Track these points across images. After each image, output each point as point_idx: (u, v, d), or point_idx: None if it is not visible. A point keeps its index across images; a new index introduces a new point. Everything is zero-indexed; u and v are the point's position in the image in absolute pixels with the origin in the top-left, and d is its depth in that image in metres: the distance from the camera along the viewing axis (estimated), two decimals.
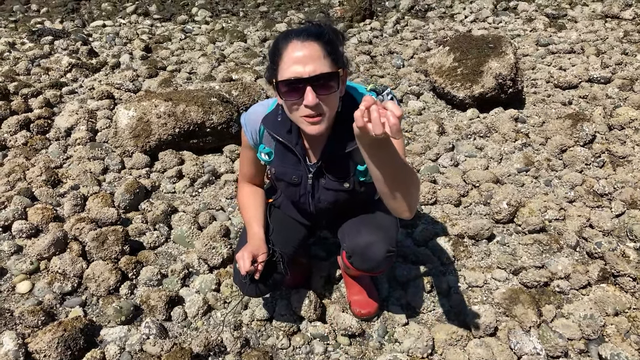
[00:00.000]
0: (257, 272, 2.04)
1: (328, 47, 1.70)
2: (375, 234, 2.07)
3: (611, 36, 5.81)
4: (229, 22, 7.06)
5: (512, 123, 4.06)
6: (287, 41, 1.70)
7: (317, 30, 1.72)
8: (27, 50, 5.63)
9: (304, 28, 1.74)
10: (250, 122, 2.07)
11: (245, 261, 1.98)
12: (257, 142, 2.10)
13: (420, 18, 7.04)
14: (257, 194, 2.28)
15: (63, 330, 2.24)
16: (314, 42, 1.68)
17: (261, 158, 2.12)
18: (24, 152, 3.74)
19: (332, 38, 1.74)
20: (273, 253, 2.13)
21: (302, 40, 1.68)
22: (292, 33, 1.72)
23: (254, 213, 2.20)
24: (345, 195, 2.09)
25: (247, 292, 2.17)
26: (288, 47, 1.69)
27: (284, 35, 1.74)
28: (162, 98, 3.78)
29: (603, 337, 2.38)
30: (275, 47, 1.75)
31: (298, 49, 1.67)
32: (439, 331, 2.37)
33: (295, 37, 1.69)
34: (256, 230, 2.14)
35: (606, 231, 2.99)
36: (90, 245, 2.76)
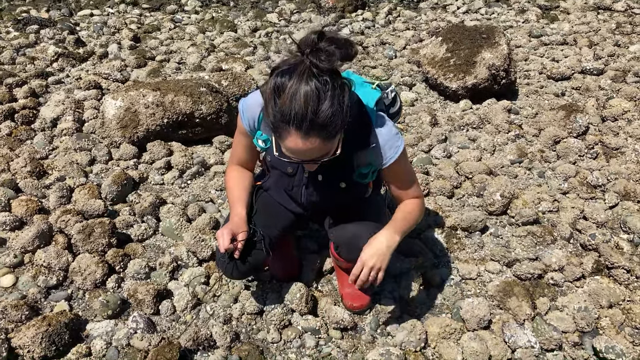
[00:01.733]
0: (237, 250, 2.03)
1: (329, 134, 1.61)
2: (361, 226, 2.08)
3: (603, 28, 5.79)
4: (219, 11, 6.96)
5: (505, 114, 4.03)
6: (287, 129, 1.58)
7: (321, 122, 1.55)
8: (12, 39, 5.51)
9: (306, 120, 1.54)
10: (249, 109, 2.00)
11: (225, 238, 1.97)
12: (253, 128, 2.04)
13: (413, 9, 6.98)
14: (245, 177, 2.24)
15: (47, 325, 2.18)
16: (315, 137, 1.58)
17: (258, 145, 2.06)
18: (8, 142, 3.65)
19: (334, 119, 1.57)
20: (254, 233, 2.11)
21: (303, 137, 1.57)
22: (292, 121, 1.55)
23: (239, 195, 2.17)
24: (339, 193, 2.09)
25: (225, 271, 2.15)
26: (288, 137, 1.60)
27: (284, 118, 1.55)
28: (150, 88, 3.71)
29: (597, 330, 2.36)
30: (274, 121, 1.60)
31: (299, 145, 1.60)
32: (432, 324, 2.34)
33: (297, 129, 1.56)
34: (239, 210, 2.11)
35: (600, 223, 2.97)
36: (76, 238, 2.70)
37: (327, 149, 1.67)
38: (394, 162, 1.95)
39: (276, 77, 1.57)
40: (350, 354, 2.26)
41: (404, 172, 2.04)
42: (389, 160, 1.94)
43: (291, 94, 1.53)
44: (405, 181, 2.07)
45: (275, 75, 1.58)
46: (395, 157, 1.93)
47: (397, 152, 1.93)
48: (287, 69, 1.57)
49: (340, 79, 1.60)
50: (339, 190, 2.06)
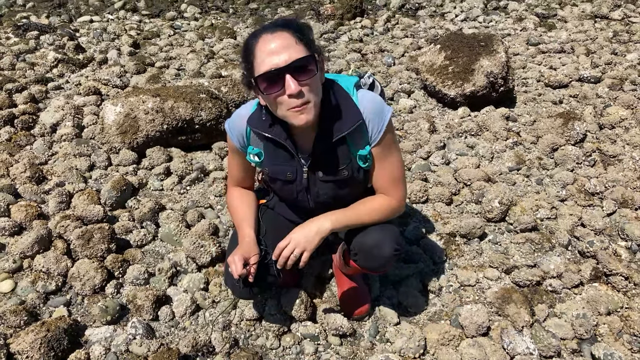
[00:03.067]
0: (250, 275, 1.97)
1: (299, 34, 1.70)
2: (382, 233, 2.01)
3: (601, 36, 5.82)
4: (219, 18, 6.99)
5: (503, 122, 4.05)
6: (257, 37, 1.71)
7: (284, 21, 1.74)
8: (12, 45, 5.53)
9: (270, 22, 1.77)
10: (235, 126, 2.02)
11: (237, 264, 1.91)
12: (244, 144, 2.04)
13: (411, 16, 7.02)
14: (247, 196, 2.23)
15: (46, 331, 2.18)
16: (284, 31, 1.69)
17: (251, 160, 2.06)
18: (8, 148, 3.65)
19: (301, 26, 1.74)
20: (265, 255, 2.06)
21: (272, 32, 1.69)
22: (260, 30, 1.74)
23: (244, 215, 2.15)
24: (344, 184, 2.04)
25: (240, 295, 2.13)
26: (259, 42, 1.70)
27: (253, 34, 1.75)
28: (149, 94, 3.72)
29: (596, 337, 2.36)
30: (247, 47, 1.75)
31: (269, 41, 1.67)
32: (431, 331, 2.34)
33: (264, 32, 1.71)
34: (247, 232, 2.08)
35: (598, 230, 2.98)
36: (76, 243, 2.70)
37: (300, 48, 1.69)
38: (384, 135, 1.91)
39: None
40: None
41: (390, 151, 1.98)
42: (379, 131, 1.90)
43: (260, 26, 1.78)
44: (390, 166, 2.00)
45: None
46: (384, 127, 1.90)
47: (384, 121, 1.90)
48: None
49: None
50: (342, 181, 2.01)
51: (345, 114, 1.88)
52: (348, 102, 1.90)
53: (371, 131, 1.91)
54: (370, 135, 1.92)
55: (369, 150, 1.96)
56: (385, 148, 1.97)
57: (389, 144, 1.97)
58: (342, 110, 1.88)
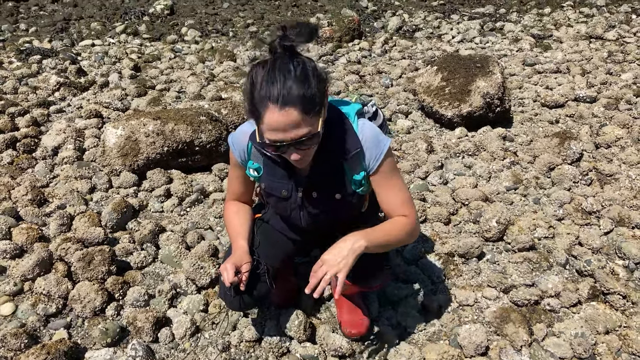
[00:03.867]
0: (242, 283, 2.03)
1: (307, 106, 1.66)
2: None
3: (596, 56, 5.90)
4: (219, 41, 7.09)
5: (500, 142, 4.09)
6: (265, 104, 1.65)
7: (295, 95, 1.63)
8: (15, 69, 5.61)
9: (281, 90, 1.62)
10: (238, 141, 2.08)
11: (228, 272, 1.98)
12: (245, 159, 2.09)
13: (408, 38, 7.11)
14: (243, 210, 2.27)
15: (47, 354, 2.19)
16: (292, 108, 1.63)
17: (250, 174, 2.11)
18: (10, 171, 3.69)
19: (311, 96, 1.66)
20: (257, 265, 2.12)
21: (280, 109, 1.63)
22: (270, 95, 1.63)
23: (240, 228, 2.20)
24: (337, 207, 2.08)
25: (231, 305, 2.17)
26: (266, 113, 1.66)
27: (263, 95, 1.65)
28: (150, 117, 3.77)
29: (594, 356, 2.36)
30: (252, 101, 1.69)
31: (277, 117, 1.64)
32: (430, 351, 2.35)
33: (273, 102, 1.63)
34: (240, 243, 2.14)
35: (595, 249, 2.99)
36: (76, 266, 2.71)
37: (306, 125, 1.69)
38: (381, 164, 1.94)
39: (253, 67, 1.71)
40: None
41: (391, 176, 2.00)
42: (376, 159, 1.93)
43: (266, 76, 1.66)
44: (394, 189, 2.01)
45: (252, 67, 1.72)
46: (381, 156, 1.93)
47: (382, 150, 1.93)
48: (263, 60, 1.71)
49: (313, 63, 1.72)
50: (335, 204, 2.05)
51: (345, 141, 1.93)
52: (348, 130, 1.95)
53: (368, 160, 1.96)
54: (368, 163, 1.97)
55: (363, 176, 2.00)
56: (385, 176, 2.00)
57: (389, 172, 2.00)
58: (342, 137, 1.93)
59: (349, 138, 1.93)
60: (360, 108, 2.10)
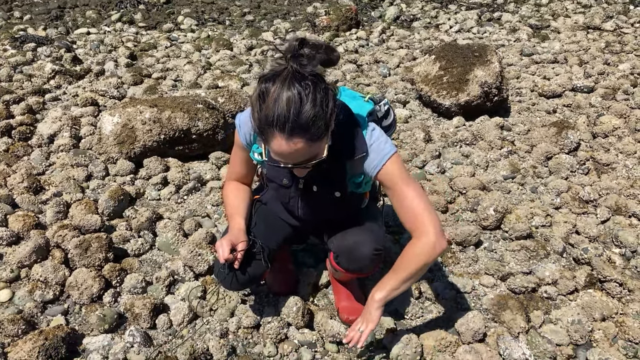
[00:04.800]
0: (237, 260, 2.03)
1: (313, 136, 1.62)
2: (362, 234, 2.07)
3: (593, 47, 5.90)
4: (215, 30, 7.04)
5: (497, 131, 4.09)
6: (272, 132, 1.61)
7: (303, 123, 1.57)
8: (9, 57, 5.56)
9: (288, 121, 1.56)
10: (246, 123, 2.02)
11: (224, 248, 1.98)
12: (250, 142, 2.07)
13: (406, 28, 7.09)
14: (242, 189, 2.26)
15: (44, 339, 2.18)
16: (299, 138, 1.60)
17: (254, 158, 2.10)
18: (5, 158, 3.67)
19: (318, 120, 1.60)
20: (253, 244, 2.12)
21: (287, 139, 1.60)
22: (276, 122, 1.57)
23: (237, 206, 2.19)
24: (335, 203, 2.09)
25: (224, 282, 2.17)
26: (273, 140, 1.62)
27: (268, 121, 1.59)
28: (147, 104, 3.74)
29: (591, 342, 2.38)
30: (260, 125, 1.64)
31: (283, 147, 1.62)
32: (427, 337, 2.35)
33: (279, 131, 1.58)
34: (238, 221, 2.13)
35: (592, 237, 3.01)
36: (73, 253, 2.70)
37: (312, 151, 1.67)
38: (385, 168, 1.89)
39: (261, 83, 1.62)
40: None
41: (401, 180, 1.89)
42: (379, 165, 1.89)
43: (274, 97, 1.57)
44: (407, 199, 1.89)
45: (260, 82, 1.63)
46: (384, 161, 1.88)
47: (386, 156, 1.88)
48: (272, 75, 1.62)
49: (324, 84, 1.63)
50: (334, 201, 2.07)
51: (352, 143, 1.90)
52: (356, 132, 1.91)
53: (370, 163, 1.92)
54: (371, 169, 1.92)
55: (362, 179, 2.02)
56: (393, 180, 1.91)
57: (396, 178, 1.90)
58: (350, 139, 1.90)
59: (356, 141, 1.90)
60: (371, 109, 2.07)
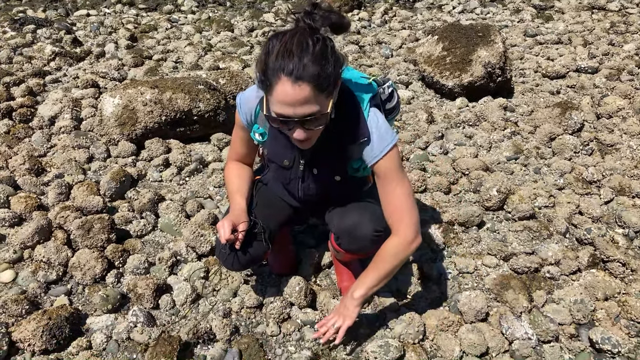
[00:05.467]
0: (238, 241, 2.03)
1: (320, 85, 1.61)
2: (362, 215, 2.06)
3: (598, 27, 5.84)
4: (216, 12, 6.98)
5: (501, 112, 4.06)
6: (278, 76, 1.59)
7: (311, 72, 1.57)
8: (9, 39, 5.52)
9: (296, 65, 1.56)
10: (247, 102, 2.02)
11: (225, 229, 1.97)
12: (251, 122, 2.06)
13: (408, 9, 7.02)
14: (244, 170, 2.26)
15: (48, 319, 2.19)
16: (305, 84, 1.58)
17: (254, 138, 2.09)
18: (6, 140, 3.65)
19: (326, 70, 1.61)
20: (254, 225, 2.12)
21: (293, 83, 1.58)
22: (284, 67, 1.57)
23: (239, 187, 2.19)
24: (335, 186, 2.09)
25: (225, 263, 2.17)
26: (278, 85, 1.60)
27: (277, 66, 1.59)
28: (148, 85, 3.72)
29: (593, 322, 2.38)
30: (265, 71, 1.63)
31: (288, 91, 1.59)
32: (430, 317, 2.36)
33: (287, 75, 1.57)
34: (238, 202, 2.13)
35: (595, 218, 3.00)
36: (76, 234, 2.70)
37: (317, 103, 1.64)
38: (383, 160, 1.89)
39: (271, 39, 1.65)
40: (349, 347, 2.27)
41: (392, 178, 1.92)
42: (378, 155, 1.88)
43: (284, 45, 1.59)
44: (393, 193, 1.93)
45: (271, 37, 1.65)
46: (384, 152, 1.88)
47: (387, 147, 1.88)
48: (283, 32, 1.64)
49: (332, 43, 1.66)
50: (334, 184, 2.07)
51: (353, 127, 1.89)
52: (358, 117, 1.89)
53: (368, 152, 1.91)
54: (370, 156, 1.91)
55: (360, 165, 2.01)
56: (386, 176, 1.92)
57: (391, 169, 1.91)
58: (352, 123, 1.88)
59: (358, 126, 1.88)
60: (375, 91, 2.04)
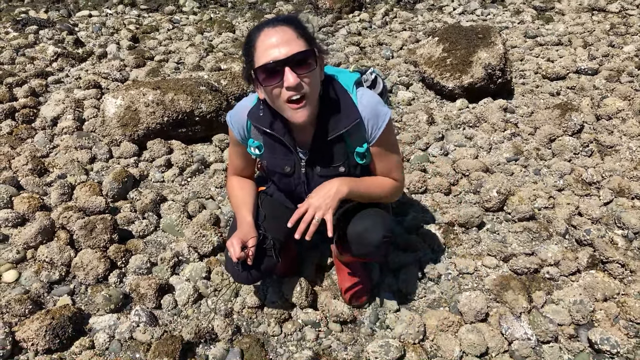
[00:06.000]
0: (249, 257, 2.03)
1: (300, 30, 1.73)
2: (371, 220, 2.06)
3: (598, 29, 5.85)
4: (217, 12, 7.00)
5: (501, 113, 4.07)
6: (259, 31, 1.73)
7: (287, 16, 1.76)
8: (11, 39, 5.54)
9: (273, 17, 1.77)
10: (237, 119, 2.06)
11: (235, 247, 1.96)
12: (245, 137, 2.08)
13: (409, 10, 7.03)
14: (246, 183, 2.27)
15: (51, 319, 2.21)
16: (285, 26, 1.71)
17: (252, 152, 2.10)
18: (9, 141, 3.67)
19: (303, 22, 1.77)
20: (264, 239, 2.11)
21: (273, 26, 1.71)
22: (262, 24, 1.76)
23: (244, 201, 2.19)
24: None
25: (239, 279, 2.16)
26: (260, 35, 1.72)
27: (255, 27, 1.77)
28: (150, 86, 3.74)
29: (592, 322, 2.40)
30: (249, 39, 1.77)
31: (271, 35, 1.70)
32: (430, 317, 2.38)
33: (266, 26, 1.72)
34: (245, 217, 2.13)
35: (595, 219, 3.01)
36: (78, 234, 2.72)
37: (300, 44, 1.70)
38: (381, 135, 1.95)
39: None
40: (350, 347, 2.29)
41: (390, 149, 2.04)
42: (378, 129, 1.94)
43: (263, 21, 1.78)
44: (390, 161, 2.07)
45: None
46: (382, 128, 1.94)
47: (383, 121, 1.94)
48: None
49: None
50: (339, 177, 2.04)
51: (344, 111, 1.91)
52: (347, 100, 1.93)
53: (370, 130, 1.95)
54: (369, 134, 1.96)
55: (366, 148, 2.00)
56: (384, 148, 2.01)
57: (388, 144, 2.01)
58: (341, 107, 1.91)
59: (347, 109, 1.91)
60: (358, 77, 2.07)
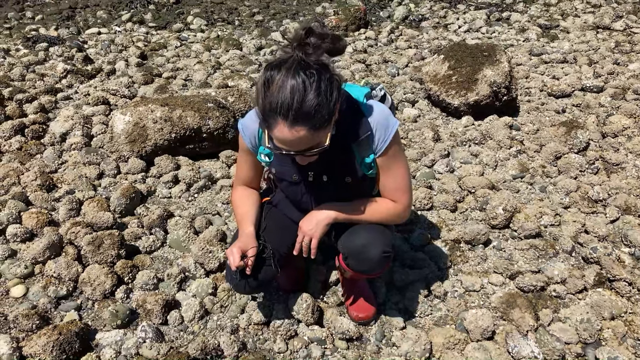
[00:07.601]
0: (248, 267, 2.05)
1: (315, 125, 1.65)
2: (371, 236, 2.08)
3: (603, 46, 5.88)
4: (225, 30, 7.08)
5: (506, 130, 4.09)
6: (275, 119, 1.63)
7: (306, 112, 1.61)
8: (21, 56, 5.62)
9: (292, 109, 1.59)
10: (248, 127, 2.07)
11: (234, 256, 2.00)
12: (255, 145, 2.10)
13: (415, 28, 7.09)
14: (251, 194, 2.29)
15: (58, 334, 2.22)
16: (301, 127, 1.63)
17: (261, 160, 2.12)
18: (19, 156, 3.72)
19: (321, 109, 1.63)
20: (263, 249, 2.15)
21: (289, 127, 1.62)
22: (280, 111, 1.60)
23: (247, 212, 2.21)
24: (348, 190, 2.10)
25: (237, 288, 2.19)
26: (276, 127, 1.65)
27: (272, 107, 1.62)
28: (158, 103, 3.78)
29: (600, 341, 2.38)
30: (263, 109, 1.66)
31: (286, 135, 1.64)
32: (436, 335, 2.37)
33: (282, 119, 1.62)
34: (247, 227, 2.15)
35: (601, 236, 3.01)
36: (86, 249, 2.74)
37: (315, 140, 1.70)
38: (388, 146, 1.96)
39: (267, 70, 1.65)
40: None
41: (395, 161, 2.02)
42: (384, 141, 1.95)
43: (279, 85, 1.60)
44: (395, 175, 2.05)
45: (266, 69, 1.66)
46: (389, 139, 1.95)
47: (390, 132, 1.95)
48: (277, 63, 1.65)
49: (328, 74, 1.66)
50: (345, 188, 2.08)
51: (354, 124, 1.94)
52: (357, 113, 1.95)
53: (377, 141, 1.97)
54: (376, 145, 1.98)
55: (373, 159, 2.01)
56: (390, 159, 2.02)
57: (394, 155, 2.02)
58: (351, 120, 1.94)
59: (359, 122, 1.94)
60: (368, 92, 2.11)
